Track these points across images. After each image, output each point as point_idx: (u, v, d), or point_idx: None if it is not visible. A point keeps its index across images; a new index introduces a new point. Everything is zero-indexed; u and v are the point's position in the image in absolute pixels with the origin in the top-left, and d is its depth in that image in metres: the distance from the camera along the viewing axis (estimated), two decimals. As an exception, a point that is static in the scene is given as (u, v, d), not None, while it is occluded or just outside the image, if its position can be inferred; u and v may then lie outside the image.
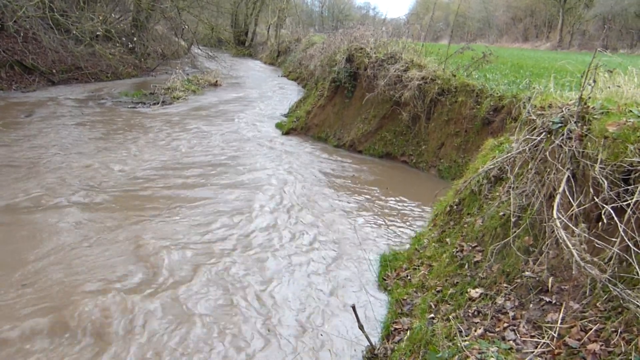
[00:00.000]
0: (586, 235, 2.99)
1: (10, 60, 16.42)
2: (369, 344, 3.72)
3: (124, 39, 19.66)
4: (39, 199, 6.62)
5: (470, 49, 9.99)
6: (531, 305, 3.27)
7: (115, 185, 7.41)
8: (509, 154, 4.42)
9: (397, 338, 3.86)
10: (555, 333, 2.86)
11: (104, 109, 13.81)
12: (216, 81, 21.01)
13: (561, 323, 2.91)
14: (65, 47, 16.96)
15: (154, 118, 12.94)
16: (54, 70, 17.79)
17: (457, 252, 4.41)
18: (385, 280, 4.93)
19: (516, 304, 3.40)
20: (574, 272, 2.97)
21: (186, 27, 24.51)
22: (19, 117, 11.96)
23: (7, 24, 15.02)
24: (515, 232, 3.70)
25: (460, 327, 3.34)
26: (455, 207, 5.24)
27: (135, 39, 21.33)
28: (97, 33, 15.90)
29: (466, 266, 4.16)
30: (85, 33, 15.22)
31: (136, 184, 7.54)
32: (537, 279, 3.34)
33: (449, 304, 3.85)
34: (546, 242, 3.35)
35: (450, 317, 3.54)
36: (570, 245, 2.93)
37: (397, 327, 4.01)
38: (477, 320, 3.46)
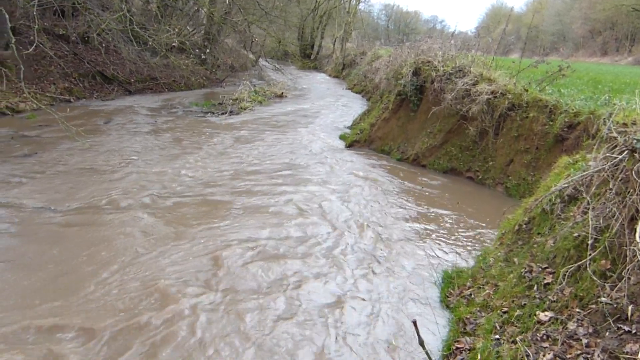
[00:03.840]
0: (673, 261, 2.77)
1: (93, 70, 17.58)
2: (429, 362, 3.63)
3: (197, 50, 20.52)
4: (114, 201, 7.00)
5: (546, 62, 9.62)
6: (607, 334, 3.06)
7: (184, 190, 7.71)
8: (586, 173, 4.21)
9: (458, 357, 3.74)
10: (635, 365, 2.67)
11: (175, 118, 14.43)
12: (282, 93, 21.44)
13: (642, 355, 2.71)
14: (143, 58, 17.96)
15: (222, 127, 13.37)
16: (132, 80, 18.85)
17: (526, 272, 4.22)
18: (448, 297, 4.80)
19: (590, 330, 3.21)
20: (658, 301, 2.76)
21: (255, 40, 25.24)
22: (99, 123, 12.74)
23: (92, 36, 16.11)
24: (591, 254, 3.50)
25: (528, 351, 3.19)
26: (524, 226, 5.03)
27: (207, 50, 22.22)
28: (173, 44, 16.71)
29: (535, 288, 3.97)
30: (161, 45, 16.03)
31: (204, 190, 7.81)
32: (615, 305, 3.14)
33: (516, 326, 3.69)
34: (627, 267, 3.14)
35: (517, 339, 3.39)
36: (654, 271, 2.73)
37: (459, 346, 3.88)
38: (546, 344, 3.29)
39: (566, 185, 4.50)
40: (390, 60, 14.68)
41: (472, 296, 4.59)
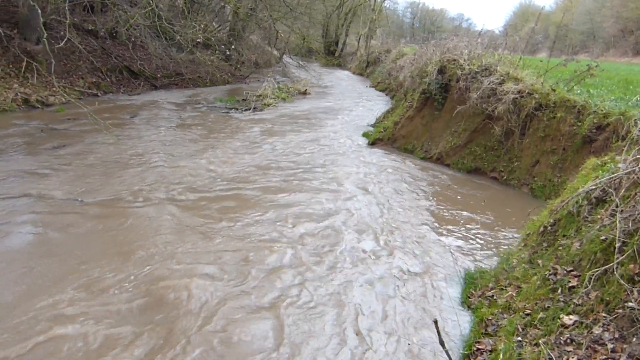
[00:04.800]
0: None
1: (120, 65, 17.88)
2: (449, 362, 3.60)
3: (222, 46, 20.69)
4: (139, 194, 7.12)
5: (575, 61, 9.41)
6: (634, 339, 3.00)
7: (207, 185, 7.79)
8: (615, 175, 4.12)
9: (479, 358, 3.71)
10: (662, 372, 2.61)
11: (199, 113, 14.58)
12: (305, 90, 21.46)
13: (670, 361, 2.64)
14: (169, 54, 18.19)
15: (245, 123, 13.46)
16: (158, 76, 19.11)
17: (550, 275, 4.15)
18: (469, 298, 4.76)
19: (616, 335, 3.14)
20: (688, 307, 2.69)
21: (280, 36, 25.34)
22: (125, 117, 12.96)
23: (120, 31, 16.38)
24: (618, 258, 3.42)
25: (551, 355, 3.15)
26: (549, 227, 4.94)
27: (232, 47, 22.37)
28: (198, 40, 16.89)
29: (559, 291, 3.91)
30: (187, 41, 16.22)
31: (228, 184, 7.88)
32: (643, 311, 3.07)
33: (539, 329, 3.63)
34: (655, 272, 3.06)
35: (540, 342, 3.34)
36: (685, 276, 2.66)
37: (480, 347, 3.84)
38: (569, 348, 3.24)
39: (594, 187, 4.41)
40: (415, 58, 14.57)
41: (494, 297, 4.54)
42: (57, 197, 6.76)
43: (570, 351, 3.18)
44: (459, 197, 8.22)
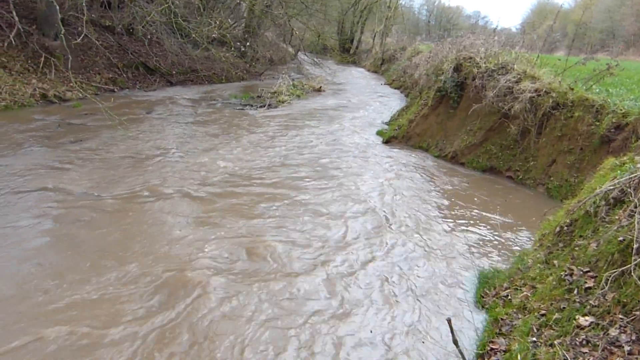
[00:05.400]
0: None
1: (136, 61, 18.02)
2: (462, 361, 3.59)
3: (237, 43, 20.74)
4: (154, 189, 7.19)
5: (595, 59, 9.27)
6: (652, 342, 2.96)
7: (221, 180, 7.84)
8: (634, 175, 4.06)
9: (493, 358, 3.68)
10: (680, 375, 2.56)
11: (214, 110, 14.65)
12: (320, 87, 21.42)
13: (689, 365, 2.60)
14: (184, 50, 18.29)
15: (259, 120, 13.50)
16: (173, 72, 19.23)
17: (566, 275, 4.10)
18: (483, 297, 4.72)
19: (633, 338, 3.10)
20: None
21: (295, 33, 25.33)
22: (141, 113, 13.06)
23: (137, 27, 16.51)
24: (636, 259, 3.37)
25: (567, 356, 3.11)
26: (566, 228, 4.89)
27: (247, 44, 22.42)
28: (213, 37, 16.95)
29: (575, 291, 3.86)
30: (202, 37, 16.30)
31: (240, 181, 7.91)
32: (661, 313, 3.02)
33: (554, 329, 3.60)
34: (675, 274, 3.01)
35: (555, 343, 3.30)
36: None
37: (493, 347, 3.82)
38: (585, 350, 3.20)
39: (612, 187, 4.35)
40: (431, 56, 14.47)
41: (509, 297, 4.51)
42: (75, 191, 6.85)
43: (586, 353, 3.14)
44: (473, 196, 8.16)
